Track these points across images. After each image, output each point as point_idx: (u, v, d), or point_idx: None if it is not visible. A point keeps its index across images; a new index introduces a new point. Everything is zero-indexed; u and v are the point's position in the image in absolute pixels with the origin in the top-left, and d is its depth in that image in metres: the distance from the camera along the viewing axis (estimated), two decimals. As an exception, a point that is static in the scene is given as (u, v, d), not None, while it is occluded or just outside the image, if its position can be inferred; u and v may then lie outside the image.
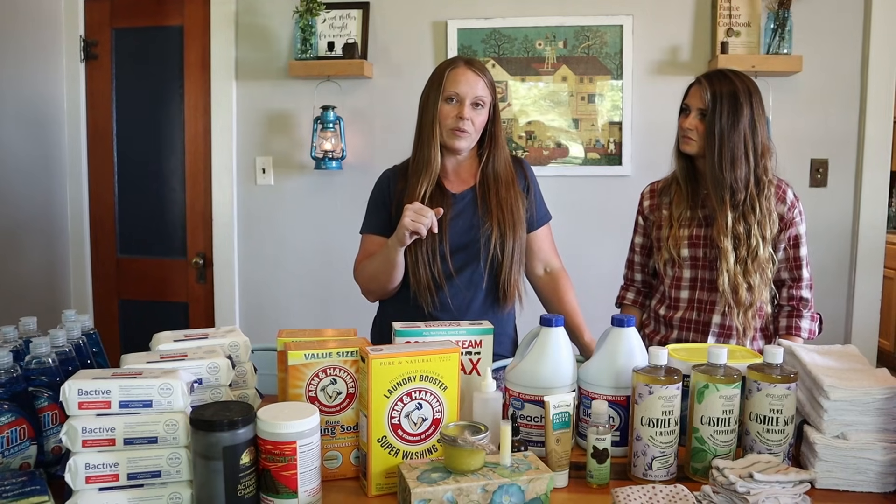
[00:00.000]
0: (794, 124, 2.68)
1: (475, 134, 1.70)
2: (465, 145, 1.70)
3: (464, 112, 1.66)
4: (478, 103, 1.68)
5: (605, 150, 2.80)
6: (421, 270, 1.68)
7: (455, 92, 1.67)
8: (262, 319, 3.02)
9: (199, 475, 1.02)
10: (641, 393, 1.18)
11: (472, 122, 1.67)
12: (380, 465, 1.14)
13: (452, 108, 1.68)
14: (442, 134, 1.69)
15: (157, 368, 1.10)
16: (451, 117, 1.68)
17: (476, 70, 1.69)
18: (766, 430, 1.18)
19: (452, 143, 1.69)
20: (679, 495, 1.07)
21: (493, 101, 1.73)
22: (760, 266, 1.69)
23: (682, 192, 1.79)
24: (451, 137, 1.68)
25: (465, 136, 1.68)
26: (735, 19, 2.65)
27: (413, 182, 1.71)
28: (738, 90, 1.68)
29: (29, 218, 2.84)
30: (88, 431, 1.01)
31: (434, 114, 1.69)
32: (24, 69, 2.78)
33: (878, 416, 1.17)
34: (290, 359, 1.16)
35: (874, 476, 1.15)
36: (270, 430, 1.03)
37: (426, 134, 1.71)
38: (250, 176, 3.00)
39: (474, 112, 1.68)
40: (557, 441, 1.18)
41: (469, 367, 1.36)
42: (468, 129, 1.67)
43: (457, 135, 1.68)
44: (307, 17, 2.76)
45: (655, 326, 1.87)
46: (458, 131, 1.67)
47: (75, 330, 1.35)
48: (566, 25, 2.77)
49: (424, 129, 1.71)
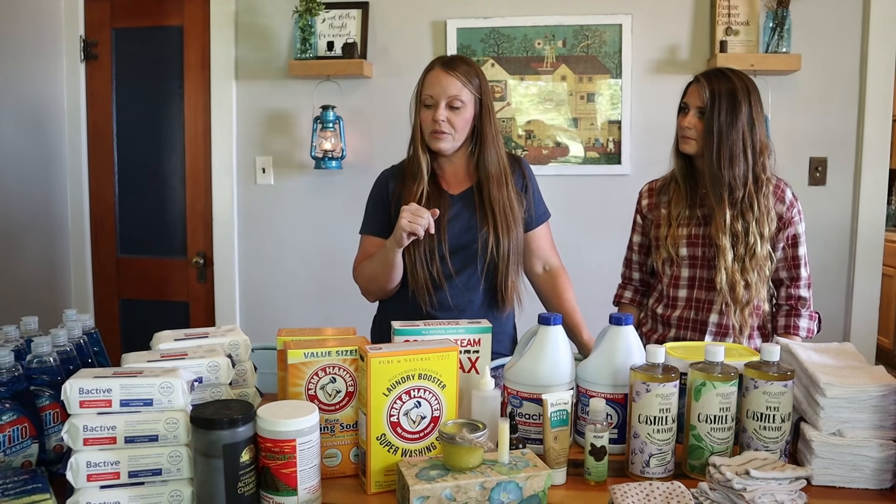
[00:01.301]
0: (793, 123, 2.68)
1: (457, 133, 1.70)
2: (446, 146, 1.70)
3: (437, 114, 1.67)
4: (453, 104, 1.67)
5: (604, 149, 2.80)
6: (419, 271, 1.68)
7: (429, 95, 1.69)
8: (262, 319, 3.03)
9: (199, 473, 1.03)
10: (639, 391, 1.19)
11: (449, 122, 1.68)
12: (379, 462, 1.15)
13: (429, 112, 1.69)
14: (424, 137, 1.72)
15: (157, 367, 1.11)
16: (428, 121, 1.70)
17: (450, 70, 1.68)
18: (763, 427, 1.19)
19: (433, 145, 1.71)
20: (676, 492, 1.08)
21: (480, 98, 1.71)
22: (758, 264, 1.70)
23: (681, 191, 1.79)
24: (431, 140, 1.71)
25: (444, 136, 1.68)
26: (734, 18, 2.66)
27: (409, 185, 1.72)
28: (737, 88, 1.68)
29: (29, 218, 2.85)
30: (90, 430, 1.01)
31: (416, 119, 1.73)
32: (25, 69, 2.79)
33: (874, 412, 1.17)
34: (290, 357, 1.17)
35: (870, 473, 1.16)
36: (270, 428, 1.03)
37: (414, 138, 1.74)
38: (250, 175, 3.00)
39: (451, 112, 1.68)
40: (555, 439, 1.18)
41: (468, 365, 1.36)
42: (445, 130, 1.68)
43: (435, 137, 1.69)
44: (307, 16, 2.77)
45: (653, 325, 1.87)
46: (435, 133, 1.69)
47: (76, 329, 1.36)
48: (565, 25, 2.77)
49: (413, 133, 1.75)
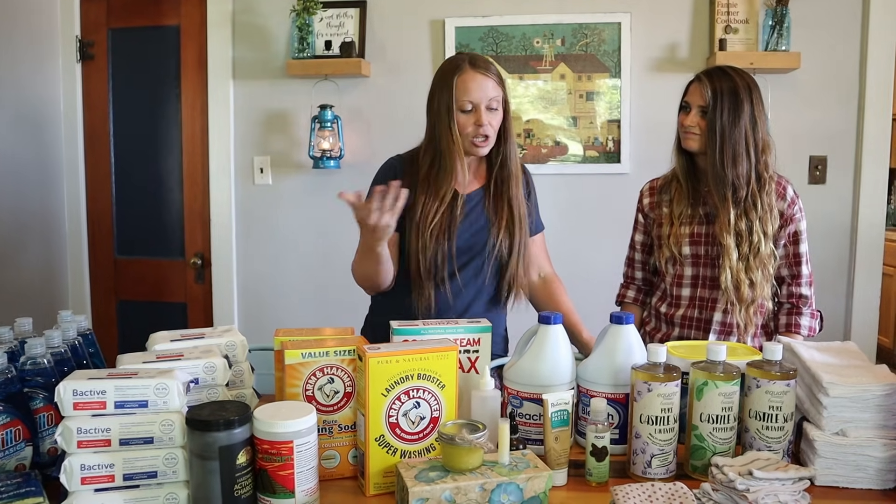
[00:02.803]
0: (793, 121, 2.67)
1: (495, 135, 1.68)
2: (486, 150, 1.68)
3: (481, 119, 1.62)
4: (491, 106, 1.64)
5: (603, 147, 2.80)
6: (427, 269, 1.66)
7: (468, 101, 1.63)
8: (260, 319, 3.01)
9: (195, 475, 1.02)
10: (640, 390, 1.18)
11: (490, 125, 1.64)
12: (378, 464, 1.13)
13: (469, 117, 1.64)
14: (463, 143, 1.66)
15: (153, 368, 1.10)
16: (469, 126, 1.64)
17: (483, 71, 1.65)
18: (766, 427, 1.18)
19: (476, 151, 1.67)
20: (678, 493, 1.07)
21: (505, 97, 1.69)
22: (762, 262, 1.69)
23: (683, 190, 1.78)
24: (473, 147, 1.66)
25: (488, 141, 1.66)
26: (733, 16, 2.65)
27: (434, 189, 1.67)
28: (739, 87, 1.67)
29: (26, 219, 2.84)
30: (84, 432, 1.00)
31: (450, 124, 1.64)
32: (20, 70, 2.77)
33: (878, 412, 1.16)
34: (287, 358, 1.16)
35: (874, 473, 1.15)
36: (267, 429, 1.02)
37: (445, 143, 1.65)
38: (248, 175, 2.99)
39: (491, 115, 1.64)
40: (556, 439, 1.17)
41: (467, 365, 1.35)
42: (489, 134, 1.65)
43: (478, 144, 1.65)
44: (304, 15, 2.76)
45: (656, 324, 1.86)
46: (479, 139, 1.64)
47: (71, 330, 1.34)
48: (564, 23, 2.77)
49: (443, 138, 1.66)
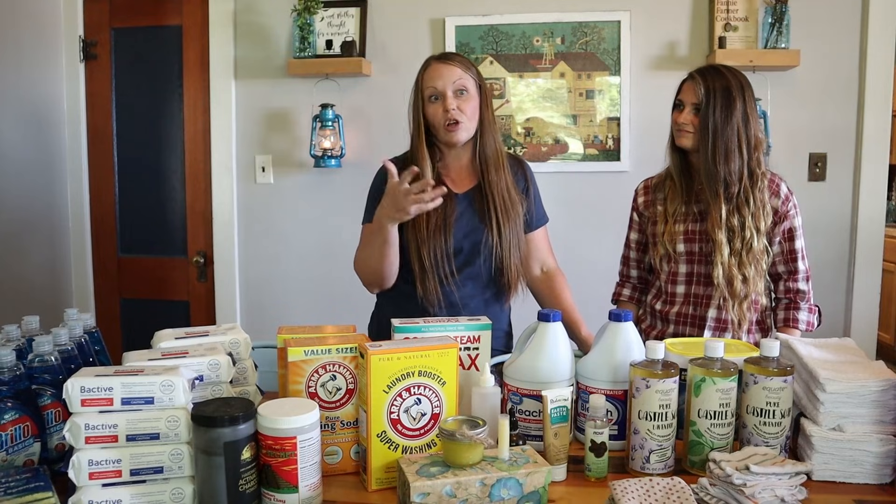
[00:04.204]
0: (793, 119, 2.68)
1: (470, 122, 1.67)
2: (464, 136, 1.67)
3: (448, 104, 1.63)
4: (460, 89, 1.65)
5: (603, 145, 2.80)
6: (428, 271, 1.67)
7: (432, 87, 1.65)
8: (262, 317, 3.03)
9: (200, 471, 1.03)
10: (639, 387, 1.19)
11: (460, 110, 1.64)
12: (379, 459, 1.15)
13: (437, 105, 1.66)
14: (438, 134, 1.68)
15: (158, 366, 1.11)
16: (438, 114, 1.65)
17: (448, 61, 1.67)
18: (763, 422, 1.19)
19: (450, 138, 1.66)
20: (676, 488, 1.08)
21: (480, 84, 1.70)
22: (755, 258, 1.71)
23: (677, 188, 1.80)
24: (446, 134, 1.66)
25: (460, 126, 1.65)
26: (732, 14, 2.65)
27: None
28: (731, 85, 1.69)
29: (30, 218, 2.85)
30: (91, 428, 1.02)
31: (418, 118, 1.68)
32: (24, 70, 2.78)
33: (874, 407, 1.17)
34: (290, 355, 1.17)
35: (870, 467, 1.16)
36: (271, 425, 1.03)
37: (414, 138, 1.70)
38: (250, 174, 3.01)
39: (460, 100, 1.65)
40: (556, 435, 1.18)
41: (468, 362, 1.37)
42: (460, 119, 1.64)
43: (451, 130, 1.65)
44: (305, 15, 2.76)
45: (652, 321, 1.87)
46: (450, 125, 1.65)
47: (77, 328, 1.36)
48: (564, 22, 2.77)
49: (413, 134, 1.71)
